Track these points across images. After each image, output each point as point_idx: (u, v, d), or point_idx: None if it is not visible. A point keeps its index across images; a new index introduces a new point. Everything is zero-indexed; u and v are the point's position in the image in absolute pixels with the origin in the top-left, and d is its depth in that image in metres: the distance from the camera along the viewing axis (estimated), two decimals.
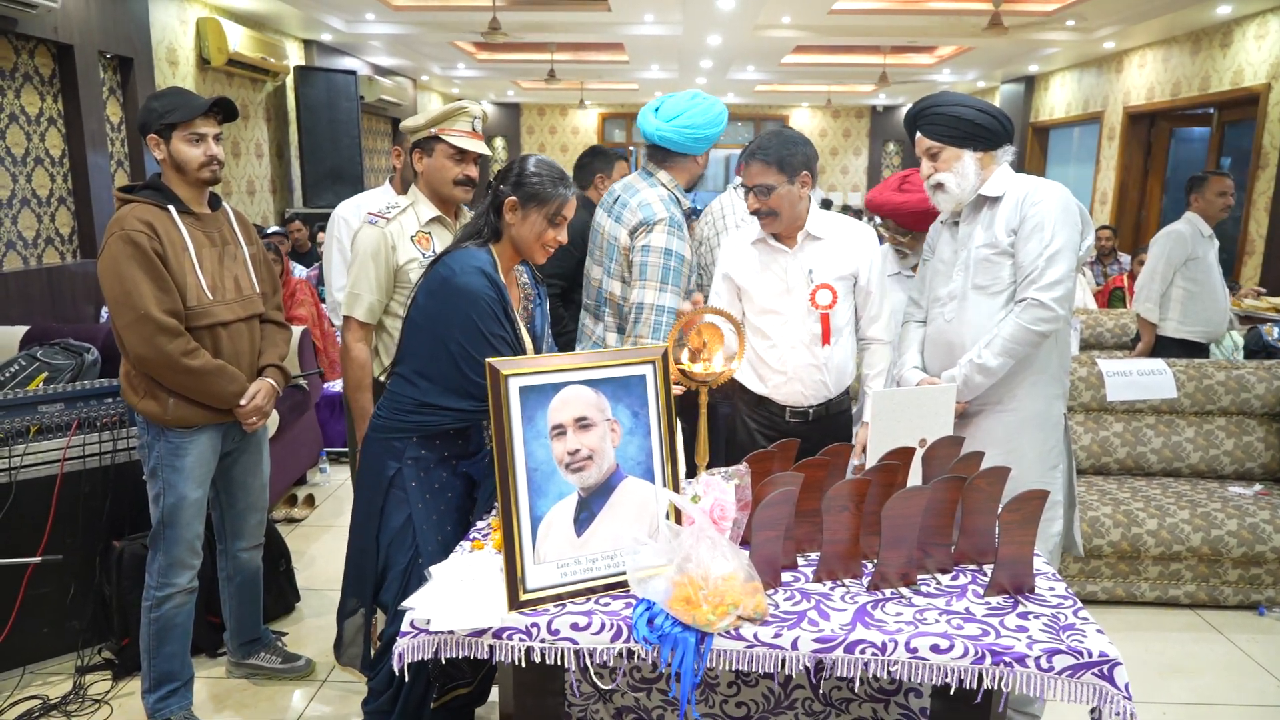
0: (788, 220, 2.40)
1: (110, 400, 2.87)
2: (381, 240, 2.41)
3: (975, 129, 2.28)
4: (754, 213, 2.41)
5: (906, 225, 3.00)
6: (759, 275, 2.48)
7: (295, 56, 8.41)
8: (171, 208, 2.37)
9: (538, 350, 2.17)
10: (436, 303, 1.97)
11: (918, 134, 2.36)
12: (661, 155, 2.62)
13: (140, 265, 2.26)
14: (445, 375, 1.97)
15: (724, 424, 2.81)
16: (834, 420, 2.55)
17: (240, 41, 6.86)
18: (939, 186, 2.33)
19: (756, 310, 2.50)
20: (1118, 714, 1.46)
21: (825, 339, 2.43)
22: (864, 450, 2.36)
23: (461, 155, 2.46)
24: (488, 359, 1.63)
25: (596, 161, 3.60)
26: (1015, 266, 2.27)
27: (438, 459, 2.06)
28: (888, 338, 2.55)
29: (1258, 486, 3.62)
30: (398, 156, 2.53)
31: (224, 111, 2.42)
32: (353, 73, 8.59)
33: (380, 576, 2.08)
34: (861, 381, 2.60)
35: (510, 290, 2.07)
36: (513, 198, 2.00)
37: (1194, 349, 4.40)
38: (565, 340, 3.08)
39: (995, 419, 2.35)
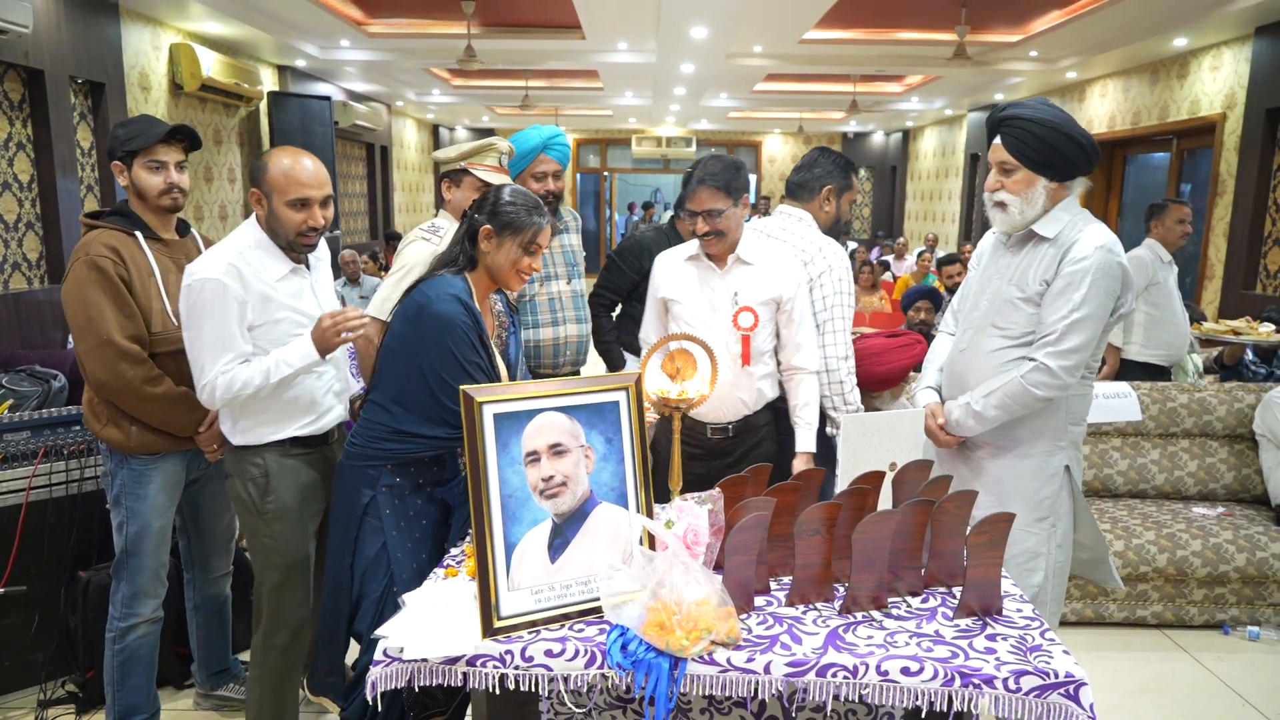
0: (731, 241, 2.51)
1: (77, 428, 2.83)
2: (433, 255, 2.44)
3: (1058, 158, 2.12)
4: (703, 235, 2.48)
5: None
6: (688, 292, 2.56)
7: (269, 82, 8.41)
8: (138, 233, 2.36)
9: (512, 377, 2.18)
10: (412, 329, 1.98)
11: (996, 140, 2.19)
12: None
13: (104, 290, 2.25)
14: (420, 403, 1.97)
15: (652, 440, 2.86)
16: (754, 433, 2.62)
17: (213, 67, 6.84)
18: (1000, 205, 2.20)
19: (682, 326, 2.57)
20: None
21: (745, 360, 2.49)
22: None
23: (487, 188, 2.49)
24: (462, 386, 1.64)
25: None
26: (1037, 319, 2.17)
27: (412, 486, 2.06)
28: (812, 367, 2.57)
29: (1220, 508, 3.69)
30: (448, 189, 2.69)
31: (187, 139, 2.41)
32: (327, 98, 8.59)
33: (355, 605, 2.07)
34: (790, 414, 2.60)
35: (485, 318, 2.09)
36: (488, 226, 2.02)
37: (1156, 372, 4.49)
38: (602, 349, 3.27)
39: (991, 464, 2.29)
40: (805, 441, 2.56)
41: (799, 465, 2.56)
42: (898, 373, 2.92)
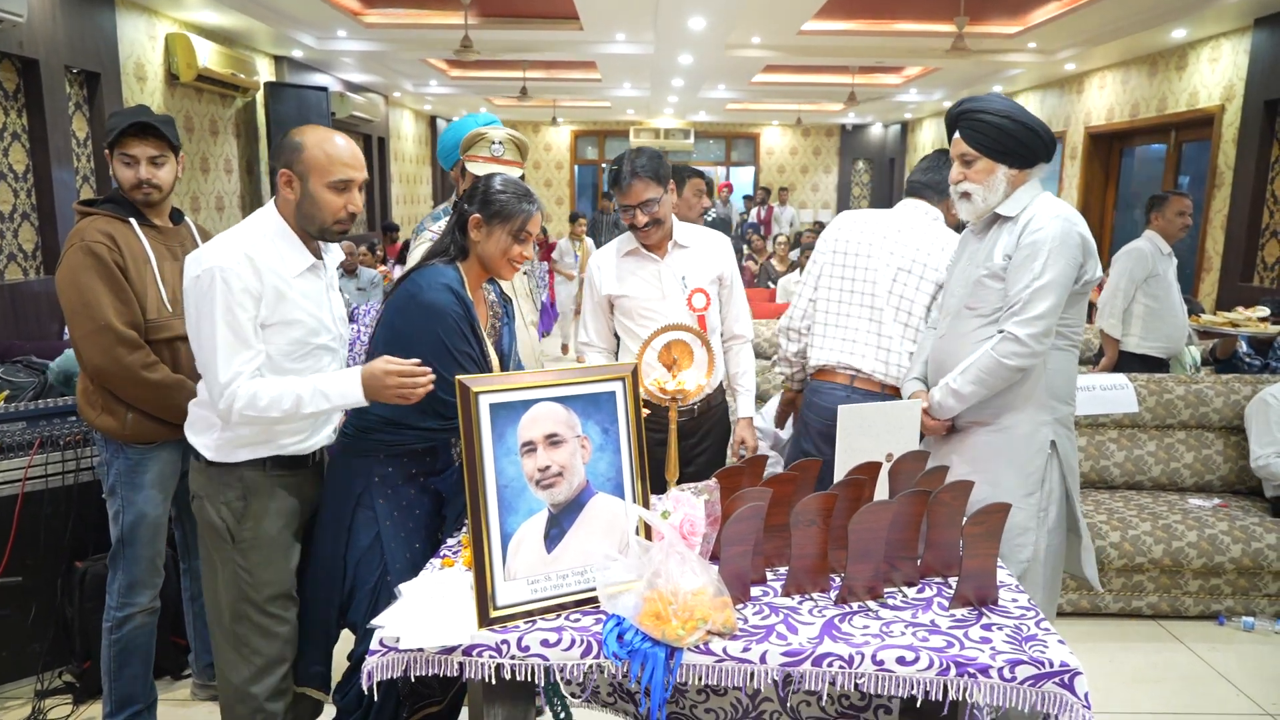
0: (668, 228, 2.60)
1: (73, 419, 2.83)
2: None
3: (1017, 145, 2.20)
4: (643, 227, 2.53)
5: None
6: (634, 286, 2.62)
7: (266, 72, 8.37)
8: (133, 220, 2.35)
9: (504, 368, 2.17)
10: (403, 320, 1.97)
11: (956, 134, 2.29)
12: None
13: (100, 276, 2.24)
14: None
15: None
16: (714, 412, 2.73)
17: (209, 57, 6.82)
18: (965, 195, 2.29)
19: (634, 319, 2.62)
20: None
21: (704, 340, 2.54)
22: (740, 444, 2.73)
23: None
24: (457, 376, 1.64)
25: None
26: (1004, 293, 2.22)
27: (405, 477, 2.05)
28: (750, 335, 2.75)
29: (1216, 499, 3.70)
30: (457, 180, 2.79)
31: (153, 134, 2.34)
32: (324, 89, 8.57)
33: (347, 597, 2.06)
34: (730, 380, 2.75)
35: (478, 308, 2.09)
36: (477, 215, 2.03)
37: (1154, 364, 4.49)
38: None
39: (978, 437, 2.31)
40: (746, 407, 2.71)
41: (742, 431, 2.69)
42: None
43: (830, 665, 1.53)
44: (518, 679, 1.57)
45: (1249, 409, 3.71)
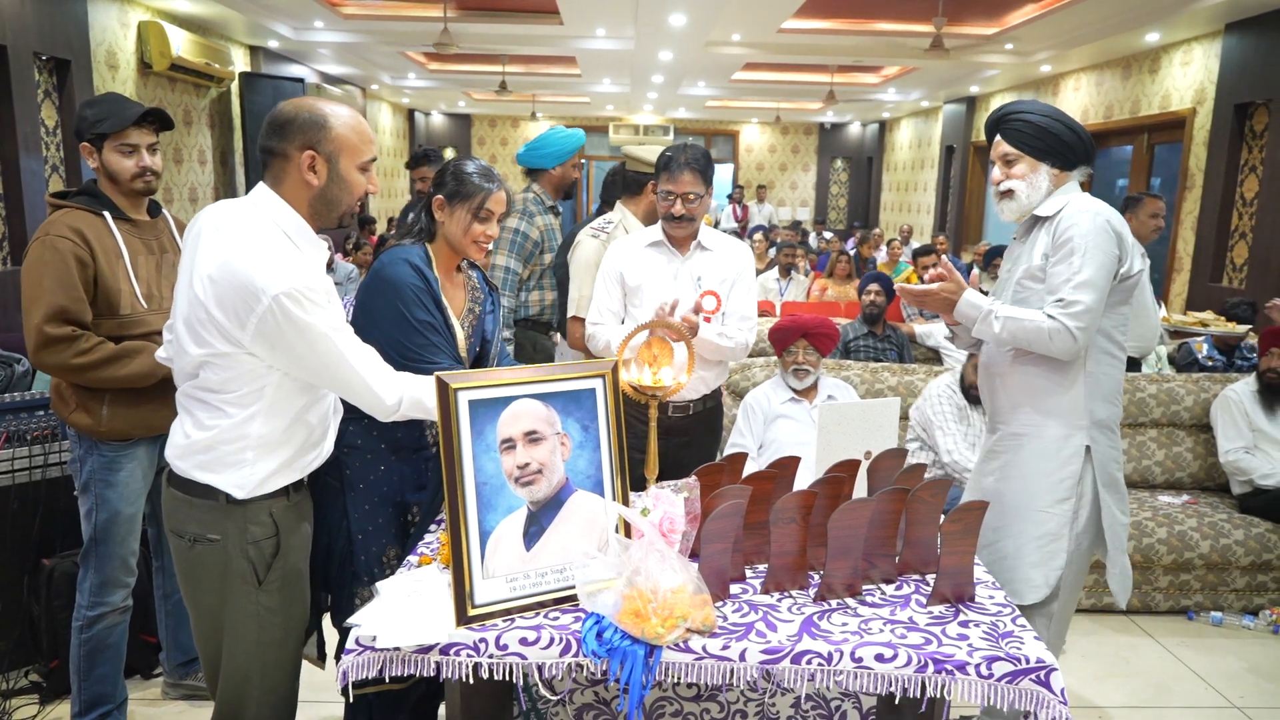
0: (696, 228, 2.65)
1: (41, 413, 2.78)
2: (599, 250, 2.93)
3: (1058, 144, 2.20)
4: (678, 217, 2.56)
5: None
6: (650, 276, 2.64)
7: (241, 63, 8.27)
8: (106, 214, 2.31)
9: (486, 355, 2.19)
10: (368, 295, 2.03)
11: (997, 137, 2.28)
12: (529, 173, 3.48)
13: (53, 272, 2.19)
14: None
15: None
16: (710, 414, 2.78)
17: (183, 46, 6.72)
18: (1008, 194, 2.26)
19: (645, 310, 2.63)
20: (1054, 718, 1.51)
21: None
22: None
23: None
24: (436, 374, 1.62)
25: (618, 185, 3.39)
26: (1043, 295, 2.18)
27: (374, 449, 2.04)
28: (740, 340, 2.63)
29: (1185, 496, 3.75)
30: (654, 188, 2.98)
31: (159, 121, 2.38)
32: (300, 80, 8.47)
33: (324, 559, 2.07)
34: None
35: (455, 291, 2.13)
36: (439, 197, 2.07)
37: (1128, 363, 4.55)
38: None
39: (1011, 440, 2.29)
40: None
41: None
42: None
43: (809, 663, 1.53)
44: (496, 678, 1.56)
45: (1214, 407, 3.77)
